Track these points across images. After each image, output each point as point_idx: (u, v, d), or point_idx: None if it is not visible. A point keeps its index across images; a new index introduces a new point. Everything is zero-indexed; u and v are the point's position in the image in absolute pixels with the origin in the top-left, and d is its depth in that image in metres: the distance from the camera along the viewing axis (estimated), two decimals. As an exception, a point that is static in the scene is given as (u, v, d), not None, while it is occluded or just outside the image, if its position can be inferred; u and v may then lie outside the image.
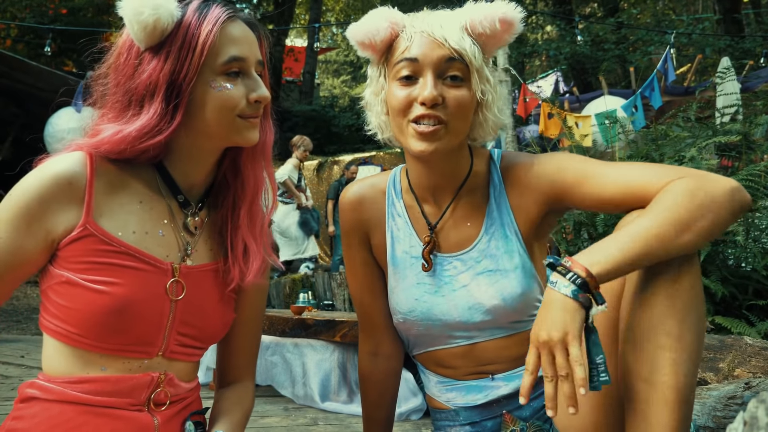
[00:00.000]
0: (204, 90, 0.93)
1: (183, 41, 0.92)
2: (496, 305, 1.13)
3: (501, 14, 1.07)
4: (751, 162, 3.23)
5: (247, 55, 0.96)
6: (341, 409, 2.83)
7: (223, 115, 0.94)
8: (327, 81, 23.91)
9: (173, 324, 0.96)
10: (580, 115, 6.59)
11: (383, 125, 1.18)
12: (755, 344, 1.94)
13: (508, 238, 1.15)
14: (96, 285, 0.89)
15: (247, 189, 1.04)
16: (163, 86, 0.91)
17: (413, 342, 1.25)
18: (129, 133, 0.91)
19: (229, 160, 1.05)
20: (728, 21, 11.13)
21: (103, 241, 0.91)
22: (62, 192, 0.89)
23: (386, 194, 1.25)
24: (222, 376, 1.15)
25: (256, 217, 1.06)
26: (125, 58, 0.95)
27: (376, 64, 1.16)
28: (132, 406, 0.93)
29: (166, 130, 0.92)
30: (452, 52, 1.06)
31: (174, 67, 0.91)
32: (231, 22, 0.95)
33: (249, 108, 0.96)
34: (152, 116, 0.91)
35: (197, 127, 0.95)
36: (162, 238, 0.98)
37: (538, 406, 1.18)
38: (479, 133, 1.16)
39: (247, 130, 0.97)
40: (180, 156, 0.99)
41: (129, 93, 0.93)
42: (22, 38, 11.57)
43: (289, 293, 5.49)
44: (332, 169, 9.25)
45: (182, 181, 1.01)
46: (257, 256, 1.05)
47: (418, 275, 1.19)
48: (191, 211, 1.02)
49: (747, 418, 0.59)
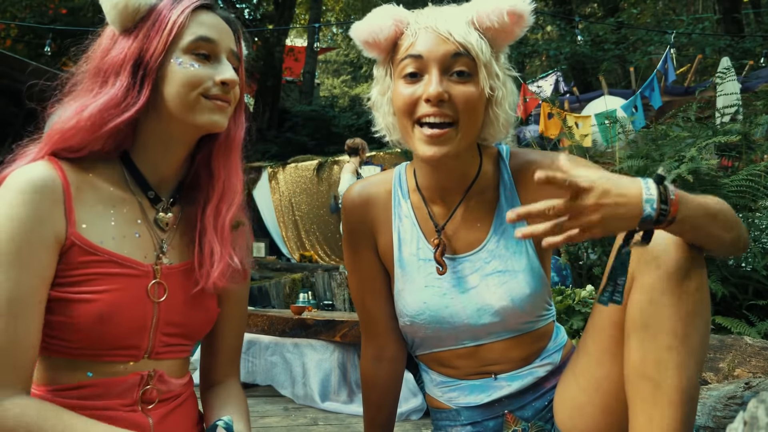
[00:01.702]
0: (171, 68, 0.93)
1: (154, 22, 0.93)
2: (505, 306, 1.11)
3: (509, 6, 1.03)
4: (751, 162, 3.23)
5: (217, 39, 0.96)
6: (341, 409, 2.83)
7: (187, 91, 0.93)
8: (327, 81, 23.89)
9: (157, 325, 0.95)
10: (580, 115, 6.60)
11: (391, 126, 1.15)
12: (755, 344, 1.94)
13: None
14: (82, 295, 0.88)
15: (216, 185, 1.02)
16: (130, 62, 0.91)
17: (418, 343, 1.23)
18: (94, 108, 0.89)
19: (202, 157, 1.04)
20: (728, 21, 11.13)
21: (87, 251, 0.89)
22: (48, 199, 0.87)
23: (392, 194, 1.22)
24: (207, 376, 1.13)
25: (221, 216, 1.01)
26: (102, 45, 0.96)
27: (382, 63, 1.13)
28: (125, 407, 0.92)
29: (133, 106, 0.91)
30: (458, 47, 1.03)
31: (142, 45, 0.92)
32: (205, 10, 0.97)
33: (215, 88, 0.94)
34: (118, 89, 0.90)
35: (162, 105, 0.94)
36: (138, 239, 0.96)
37: (540, 406, 1.17)
38: (490, 132, 1.13)
39: (211, 112, 0.94)
40: (147, 145, 0.97)
41: (98, 74, 0.93)
42: (22, 38, 11.56)
43: (289, 293, 5.49)
44: (332, 169, 9.23)
45: (151, 174, 0.99)
46: (221, 258, 0.99)
47: (427, 278, 1.16)
48: (162, 207, 1.00)
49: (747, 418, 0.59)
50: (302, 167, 9.43)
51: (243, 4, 13.94)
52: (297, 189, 9.42)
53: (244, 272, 1.06)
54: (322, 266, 7.19)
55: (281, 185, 9.49)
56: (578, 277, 3.72)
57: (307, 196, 9.37)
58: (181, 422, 1.02)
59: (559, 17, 11.87)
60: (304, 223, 9.33)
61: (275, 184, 9.52)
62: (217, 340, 1.11)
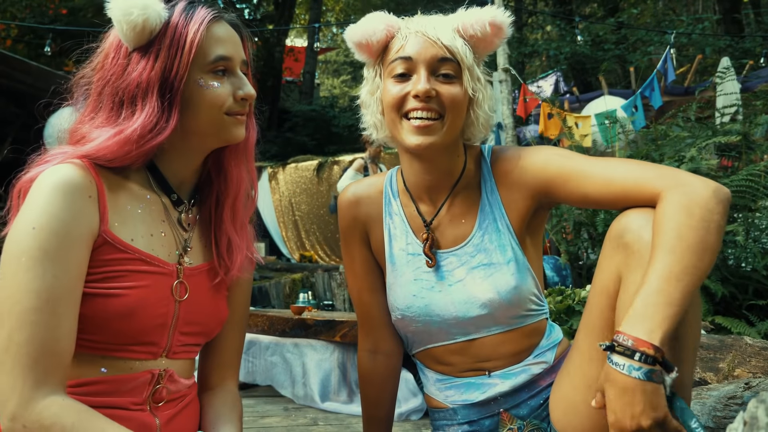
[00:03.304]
0: (193, 88, 0.95)
1: (171, 40, 0.94)
2: (491, 298, 1.14)
3: (491, 18, 1.13)
4: (751, 162, 3.23)
5: (233, 55, 0.99)
6: (341, 409, 2.83)
7: (213, 112, 0.97)
8: (327, 81, 23.91)
9: (177, 324, 0.97)
10: (579, 115, 6.60)
11: (378, 124, 1.21)
12: (755, 344, 1.94)
13: (500, 232, 1.17)
14: (110, 290, 0.89)
15: (231, 185, 1.07)
16: (156, 84, 0.93)
17: (411, 339, 1.26)
18: (132, 133, 0.91)
19: (212, 158, 1.07)
20: (728, 21, 11.13)
21: (118, 249, 0.91)
22: (84, 196, 0.88)
23: (383, 193, 1.28)
24: (205, 378, 1.13)
25: (238, 212, 1.08)
26: (113, 59, 0.96)
27: (372, 65, 1.20)
28: (134, 405, 0.94)
29: (166, 129, 0.93)
30: (445, 52, 1.11)
31: (165, 65, 0.93)
32: (216, 22, 0.98)
33: (236, 105, 0.99)
34: (150, 114, 0.92)
35: (189, 125, 0.97)
36: (164, 237, 0.99)
37: (535, 405, 1.19)
38: (472, 132, 1.20)
39: (234, 127, 1.00)
40: (171, 155, 1.01)
41: (119, 93, 0.94)
42: (22, 38, 11.56)
43: (289, 293, 5.49)
44: (332, 169, 9.23)
45: (172, 179, 1.02)
46: (240, 250, 1.07)
47: (415, 272, 1.21)
48: (185, 208, 1.04)
49: (747, 418, 0.59)
50: (302, 167, 9.44)
51: (243, 4, 13.95)
52: (297, 189, 9.43)
53: (252, 262, 1.13)
54: (322, 266, 7.19)
55: (281, 185, 9.49)
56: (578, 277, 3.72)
57: (307, 196, 9.37)
58: (187, 424, 1.03)
59: (559, 17, 11.87)
60: (304, 223, 9.33)
61: (275, 184, 9.53)
62: (218, 342, 1.12)
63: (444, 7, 1.26)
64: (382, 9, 1.24)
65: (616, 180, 1.04)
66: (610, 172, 1.05)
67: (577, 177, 1.08)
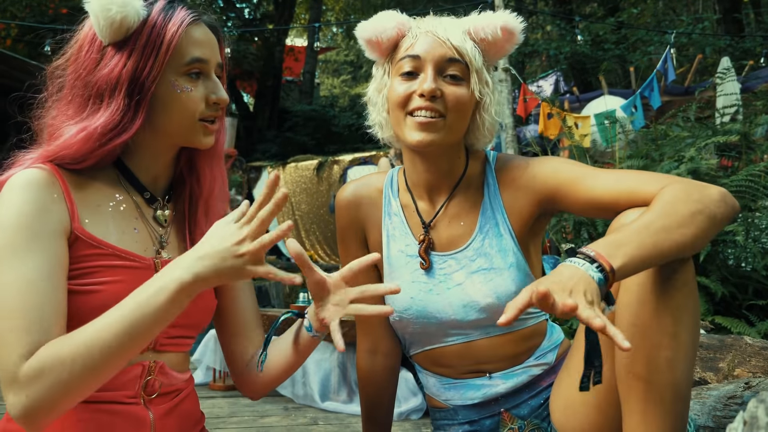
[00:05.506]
0: (166, 90, 0.95)
1: (148, 39, 0.93)
2: (491, 303, 1.14)
3: (503, 22, 1.12)
4: (751, 162, 3.23)
5: (209, 57, 0.98)
6: (341, 408, 2.84)
7: (185, 116, 0.97)
8: (327, 81, 23.91)
9: None
10: (579, 115, 6.60)
11: (384, 122, 1.21)
12: (755, 344, 1.94)
13: (501, 237, 1.16)
14: (87, 287, 0.89)
15: (204, 183, 1.07)
16: (125, 82, 0.92)
17: (409, 341, 1.26)
18: (94, 129, 0.91)
19: (184, 156, 1.07)
20: (728, 21, 11.13)
21: (91, 245, 0.91)
22: (51, 194, 0.89)
23: (383, 193, 1.27)
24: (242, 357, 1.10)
25: (211, 209, 1.08)
26: (87, 51, 0.95)
27: (382, 63, 1.20)
28: (128, 398, 0.93)
29: (130, 129, 0.93)
30: (453, 53, 1.10)
31: (137, 65, 0.92)
32: (195, 24, 0.98)
33: (208, 109, 0.99)
34: (115, 112, 0.92)
35: (158, 125, 0.97)
36: (137, 234, 0.99)
37: (536, 405, 1.19)
38: (476, 136, 1.19)
39: (203, 136, 1.01)
40: (141, 153, 1.01)
41: (89, 87, 0.94)
42: (22, 38, 11.56)
43: (289, 293, 5.49)
44: (332, 168, 9.23)
45: (144, 176, 1.02)
46: None
47: (413, 273, 1.20)
48: (160, 204, 1.04)
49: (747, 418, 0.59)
50: (302, 167, 9.43)
51: (243, 4, 13.95)
52: (297, 189, 9.42)
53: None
54: (322, 266, 7.18)
55: (281, 185, 9.48)
56: (578, 277, 3.70)
57: (307, 196, 9.37)
58: (182, 420, 1.03)
59: (559, 17, 11.87)
60: (304, 223, 9.33)
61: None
62: (235, 317, 1.11)
63: (444, 6, 1.25)
64: (382, 9, 1.23)
65: (626, 179, 1.03)
66: (619, 174, 1.05)
67: (584, 178, 1.08)
